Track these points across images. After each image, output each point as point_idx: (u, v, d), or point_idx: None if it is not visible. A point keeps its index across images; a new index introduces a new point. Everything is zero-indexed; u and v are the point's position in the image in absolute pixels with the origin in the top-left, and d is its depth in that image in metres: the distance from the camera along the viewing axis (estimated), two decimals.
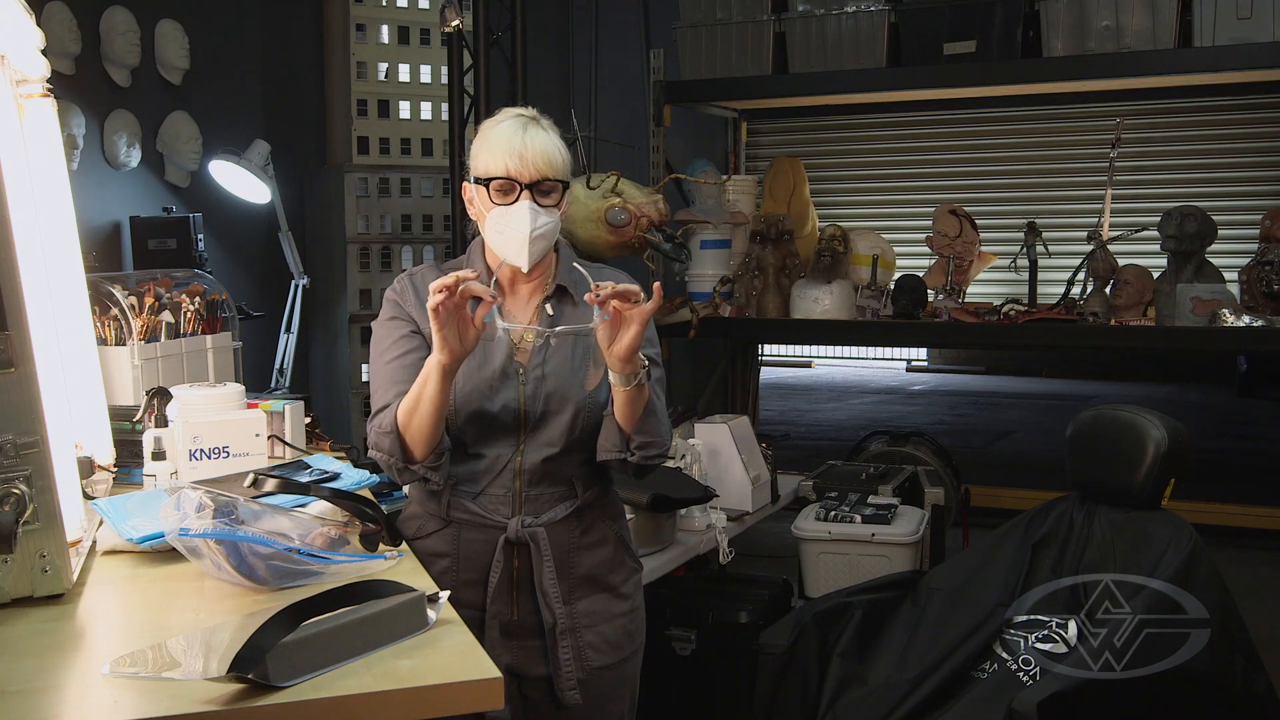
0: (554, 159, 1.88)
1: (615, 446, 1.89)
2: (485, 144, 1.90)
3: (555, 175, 1.88)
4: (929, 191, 8.13)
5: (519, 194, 1.87)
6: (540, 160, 1.86)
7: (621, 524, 2.09)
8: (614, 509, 2.08)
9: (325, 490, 1.69)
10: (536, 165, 1.86)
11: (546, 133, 1.90)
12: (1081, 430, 2.82)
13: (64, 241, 1.97)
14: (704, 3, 5.48)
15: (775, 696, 2.77)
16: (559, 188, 1.90)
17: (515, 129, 1.88)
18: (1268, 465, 7.59)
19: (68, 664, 1.33)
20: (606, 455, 1.92)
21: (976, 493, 4.95)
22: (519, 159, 1.86)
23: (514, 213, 1.87)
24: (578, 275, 1.98)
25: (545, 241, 1.90)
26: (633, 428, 1.86)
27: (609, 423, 1.89)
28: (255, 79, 5.39)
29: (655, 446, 1.89)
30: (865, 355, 12.71)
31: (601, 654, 2.02)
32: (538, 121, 1.91)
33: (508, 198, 1.87)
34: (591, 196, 3.86)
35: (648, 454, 1.89)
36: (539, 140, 1.87)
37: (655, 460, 1.92)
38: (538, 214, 1.87)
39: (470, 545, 1.97)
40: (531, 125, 1.89)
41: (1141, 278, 4.90)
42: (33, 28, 1.79)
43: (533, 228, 1.86)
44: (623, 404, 1.83)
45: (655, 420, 1.88)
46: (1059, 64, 4.90)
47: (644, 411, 1.85)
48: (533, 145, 1.86)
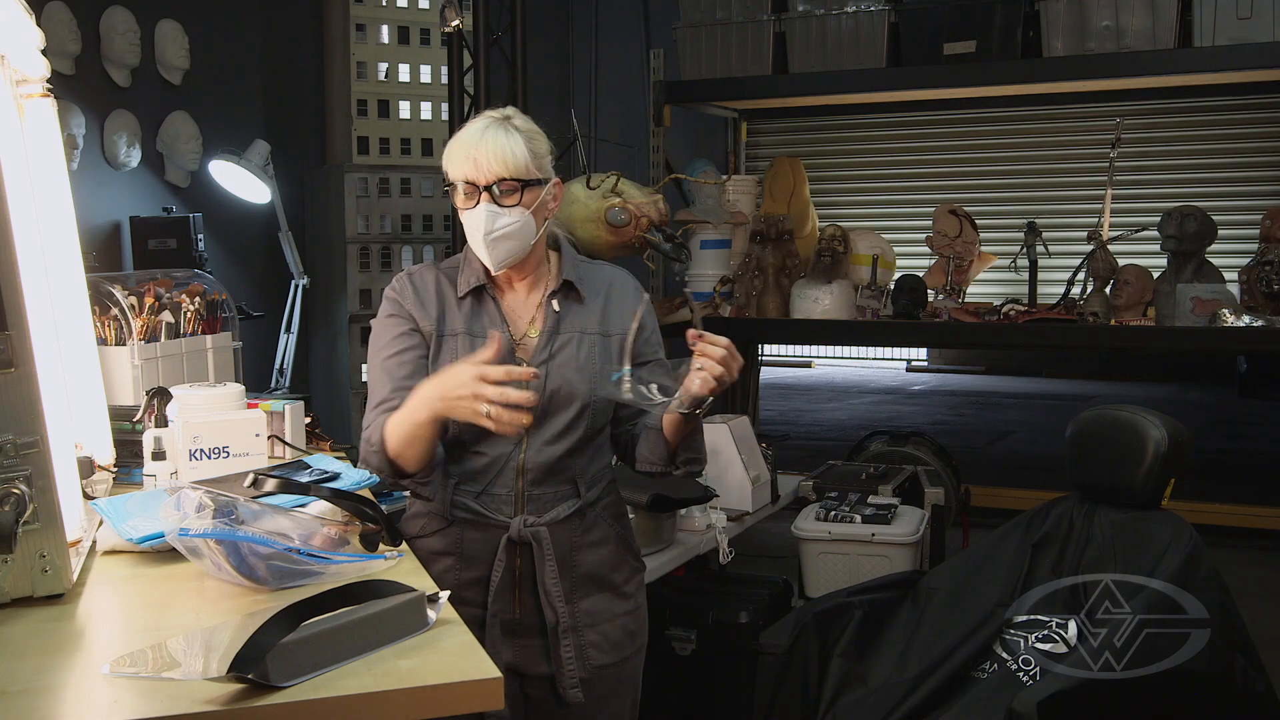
0: (510, 158, 1.86)
1: (661, 460, 1.97)
2: (449, 150, 1.93)
3: (513, 175, 1.87)
4: (929, 191, 8.14)
5: (479, 197, 1.88)
6: (494, 162, 1.86)
7: (624, 523, 2.09)
8: (617, 508, 2.08)
9: (325, 490, 1.68)
10: (490, 167, 1.86)
11: (507, 133, 1.88)
12: (1081, 430, 2.82)
13: (64, 241, 1.97)
14: (704, 3, 5.48)
15: (775, 696, 2.77)
16: (519, 187, 1.89)
17: (475, 132, 1.89)
18: (1268, 465, 7.58)
19: (68, 664, 1.33)
20: (650, 467, 2.00)
21: (976, 493, 4.95)
22: (473, 163, 1.87)
23: (474, 215, 1.89)
24: (583, 270, 2.01)
25: (511, 241, 1.90)
26: (679, 444, 1.94)
27: (654, 437, 1.95)
28: (255, 79, 5.39)
29: (699, 462, 2.00)
30: (865, 355, 12.70)
31: (603, 653, 2.02)
32: (505, 122, 1.90)
33: (469, 201, 1.90)
34: (591, 196, 3.86)
35: (690, 468, 2.00)
36: (495, 142, 1.87)
37: (695, 473, 2.04)
38: (496, 215, 1.87)
39: (473, 544, 1.97)
40: (493, 126, 1.89)
41: (1141, 278, 4.90)
42: (33, 28, 1.79)
43: (488, 230, 1.87)
44: (679, 428, 1.90)
45: (700, 437, 1.98)
46: (1059, 64, 4.90)
47: (692, 431, 1.93)
48: (486, 147, 1.86)
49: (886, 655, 2.76)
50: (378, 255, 5.42)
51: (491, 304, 1.97)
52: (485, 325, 1.95)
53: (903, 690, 2.62)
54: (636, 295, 2.02)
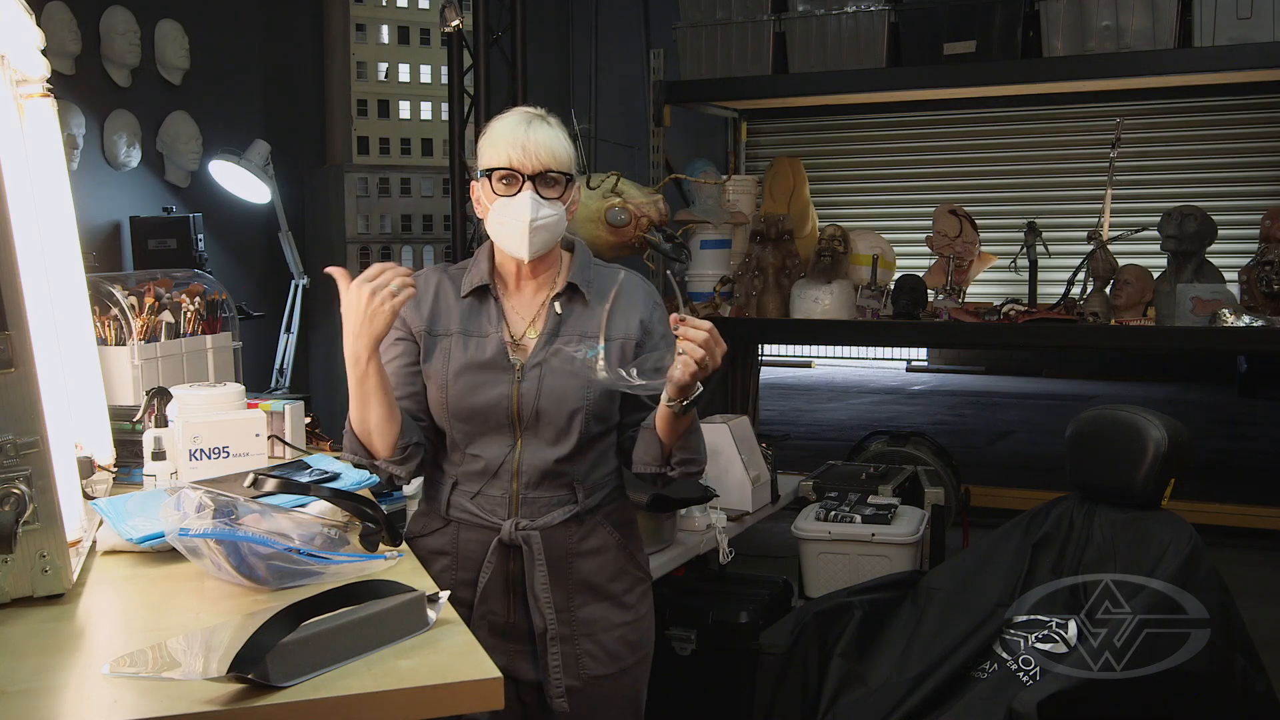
0: (558, 152, 1.88)
1: (655, 461, 1.92)
2: (489, 138, 1.91)
3: (559, 168, 1.88)
4: (929, 191, 8.15)
5: (522, 185, 1.87)
6: (543, 152, 1.87)
7: (628, 532, 2.05)
8: (620, 516, 2.04)
9: (325, 490, 1.68)
10: (539, 156, 1.87)
11: (551, 128, 1.90)
12: (1081, 430, 2.82)
13: (64, 241, 1.97)
14: (704, 3, 5.48)
15: (775, 696, 2.77)
16: (563, 181, 1.90)
17: (519, 123, 1.89)
18: (1268, 465, 7.58)
19: (68, 664, 1.33)
20: (644, 468, 1.94)
21: (976, 493, 4.95)
22: (521, 150, 1.87)
23: (516, 203, 1.87)
24: (592, 275, 1.98)
25: (547, 233, 1.90)
26: (675, 444, 1.89)
27: (649, 437, 1.90)
28: (255, 79, 5.39)
29: (695, 464, 1.93)
30: (865, 355, 12.70)
31: (599, 663, 1.99)
32: (544, 118, 1.92)
33: (511, 189, 1.88)
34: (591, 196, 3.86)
35: (688, 470, 1.92)
36: (542, 133, 1.88)
37: (693, 475, 1.95)
38: (540, 205, 1.87)
39: (468, 545, 1.97)
40: (536, 120, 1.90)
41: (1141, 278, 4.90)
42: (33, 28, 1.79)
43: (533, 217, 1.86)
44: (671, 424, 1.85)
45: (697, 437, 1.92)
46: (1059, 64, 4.90)
47: (687, 429, 1.87)
48: (535, 137, 1.87)
49: (886, 655, 2.76)
50: (378, 255, 5.42)
51: (492, 303, 1.96)
52: (482, 324, 1.95)
53: (903, 690, 2.62)
54: (647, 299, 2.00)
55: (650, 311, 1.98)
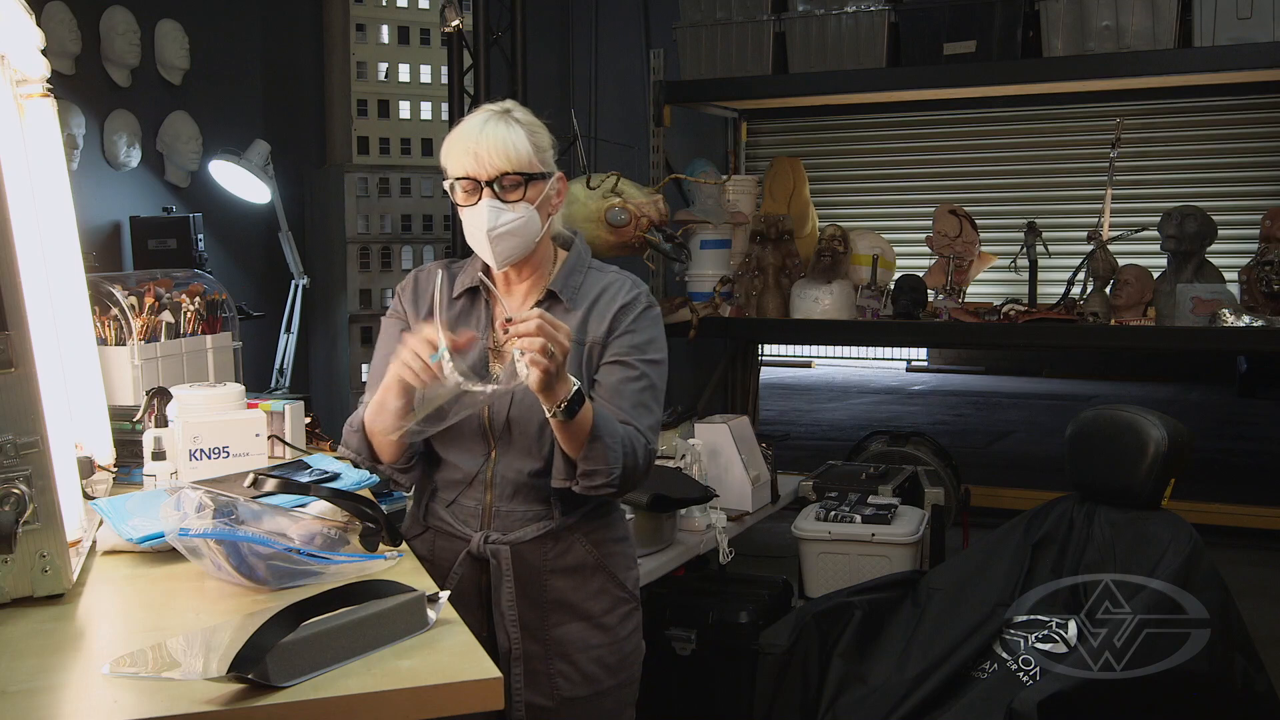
0: (513, 152, 1.79)
1: (562, 473, 1.80)
2: (448, 144, 1.85)
3: (516, 169, 1.79)
4: (929, 191, 8.13)
5: (480, 193, 1.81)
6: (496, 155, 1.78)
7: (610, 550, 1.95)
8: (602, 534, 1.94)
9: (325, 490, 1.68)
10: (493, 161, 1.79)
11: (509, 126, 1.81)
12: (1081, 430, 2.82)
13: (64, 241, 1.97)
14: (704, 3, 5.48)
15: (775, 696, 2.77)
16: (523, 182, 1.81)
17: (474, 126, 1.82)
18: (1268, 465, 7.59)
19: (68, 664, 1.33)
20: (558, 483, 1.81)
21: (976, 493, 4.95)
22: (474, 158, 1.80)
23: (475, 212, 1.81)
24: (581, 278, 1.92)
25: (514, 239, 1.82)
26: (577, 454, 1.75)
27: (557, 448, 1.78)
28: (255, 79, 5.39)
29: (600, 475, 1.76)
30: (865, 355, 12.70)
31: (573, 684, 1.91)
32: (506, 115, 1.83)
33: (471, 198, 1.82)
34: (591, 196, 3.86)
35: (592, 482, 1.77)
36: (496, 135, 1.79)
37: (602, 490, 1.78)
38: (499, 211, 1.79)
39: (443, 553, 1.94)
40: (494, 120, 1.81)
41: (1141, 278, 4.90)
42: (33, 28, 1.79)
43: (491, 226, 1.79)
44: (562, 433, 1.73)
45: (601, 447, 1.74)
46: (1059, 64, 4.90)
47: (587, 438, 1.73)
48: (488, 141, 1.78)
49: (886, 655, 2.76)
50: (378, 255, 5.42)
51: (483, 306, 1.93)
52: (471, 328, 1.90)
53: (903, 690, 2.62)
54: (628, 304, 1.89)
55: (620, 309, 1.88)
